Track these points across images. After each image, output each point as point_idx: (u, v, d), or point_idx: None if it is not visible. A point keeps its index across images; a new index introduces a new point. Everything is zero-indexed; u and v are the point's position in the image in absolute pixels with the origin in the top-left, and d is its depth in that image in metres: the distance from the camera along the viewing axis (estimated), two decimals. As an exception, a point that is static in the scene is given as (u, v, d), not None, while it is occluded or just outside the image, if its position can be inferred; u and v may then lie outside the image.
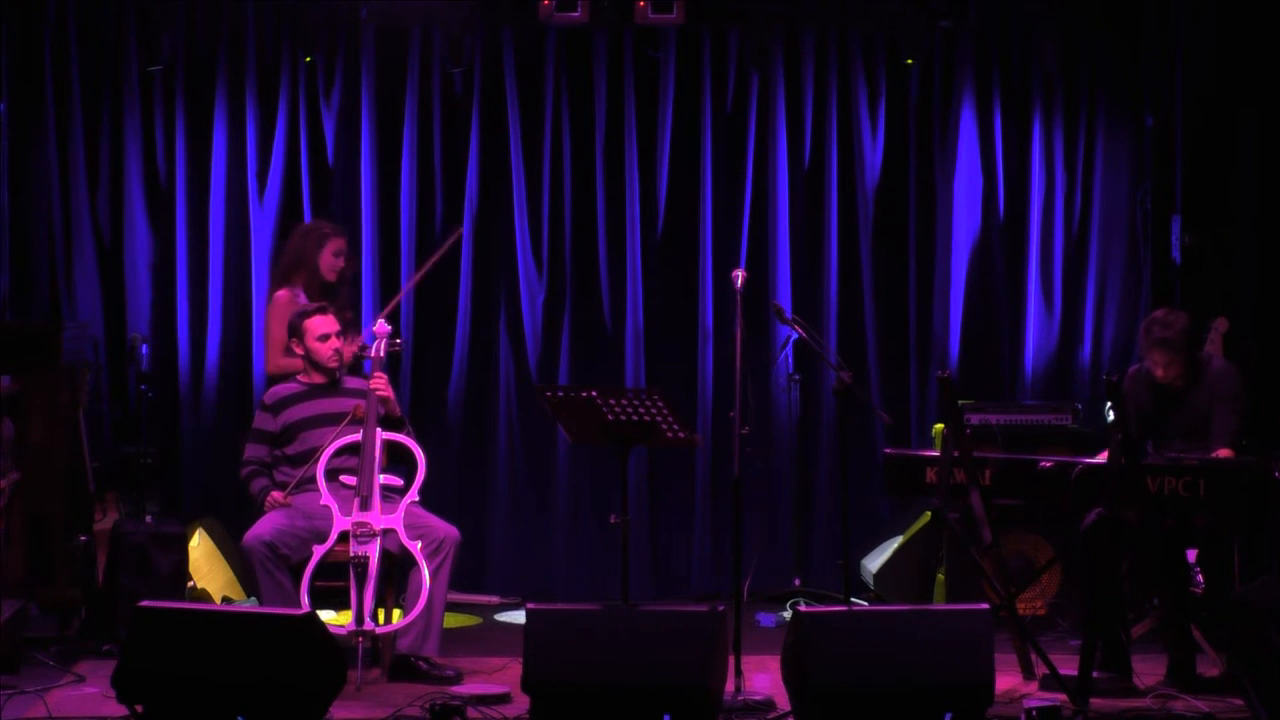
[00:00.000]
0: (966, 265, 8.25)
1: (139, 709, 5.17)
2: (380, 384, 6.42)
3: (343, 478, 6.31)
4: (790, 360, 7.95)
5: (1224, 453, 6.02)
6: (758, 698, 5.76)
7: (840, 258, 8.21)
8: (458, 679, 6.13)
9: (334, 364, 6.57)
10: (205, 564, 7.32)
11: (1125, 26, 8.19)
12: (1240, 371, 6.34)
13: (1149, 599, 6.75)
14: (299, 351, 6.60)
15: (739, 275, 6.16)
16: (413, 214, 8.10)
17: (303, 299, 6.97)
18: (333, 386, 6.59)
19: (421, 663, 6.18)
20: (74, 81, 7.90)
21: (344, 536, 6.15)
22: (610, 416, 5.75)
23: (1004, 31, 8.25)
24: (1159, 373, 6.14)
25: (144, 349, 7.71)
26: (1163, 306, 6.31)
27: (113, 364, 7.92)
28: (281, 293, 7.10)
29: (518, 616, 7.42)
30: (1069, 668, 5.87)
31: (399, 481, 6.33)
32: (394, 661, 6.21)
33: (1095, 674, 5.80)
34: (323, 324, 6.56)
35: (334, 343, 6.56)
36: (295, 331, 6.60)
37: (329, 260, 7.11)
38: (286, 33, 8.02)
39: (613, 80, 8.16)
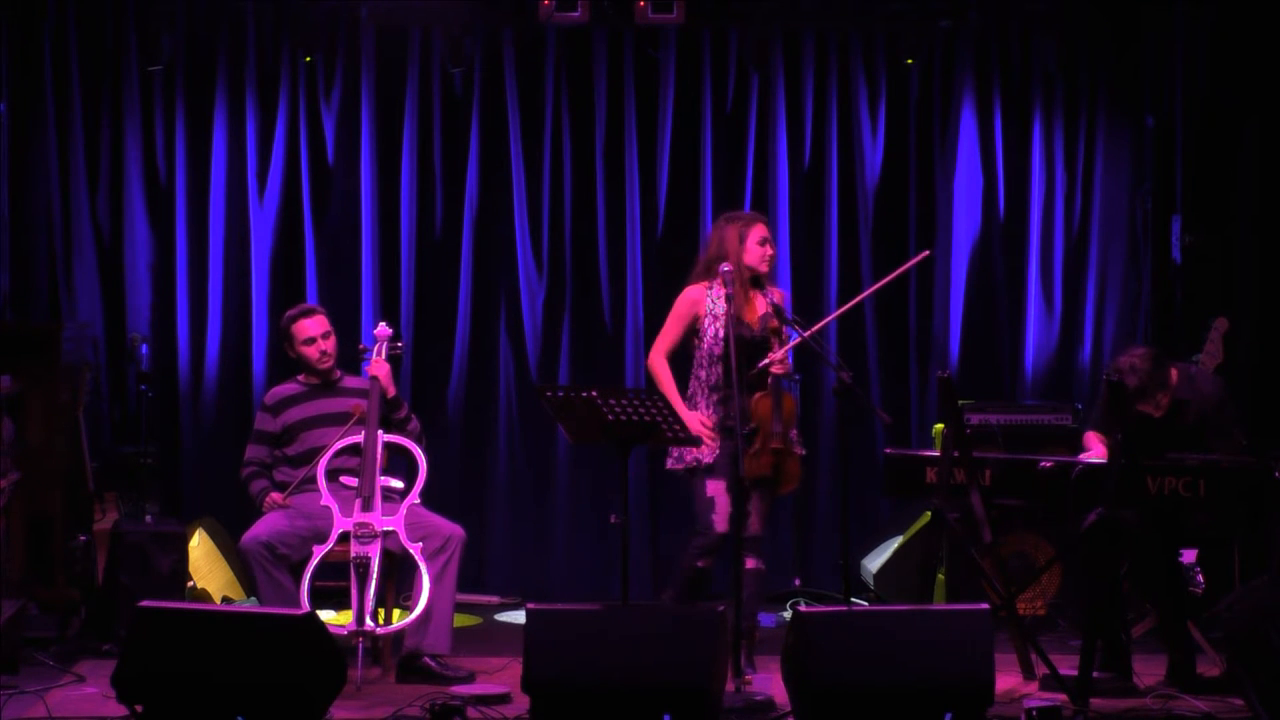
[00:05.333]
0: (966, 265, 8.25)
1: (139, 709, 5.17)
2: (380, 370, 6.42)
3: (342, 478, 6.32)
4: (790, 360, 7.94)
5: None
6: (758, 698, 5.76)
7: (840, 258, 8.22)
8: (470, 678, 6.12)
9: (325, 365, 6.57)
10: (205, 564, 7.32)
11: (1125, 26, 8.19)
12: (1227, 386, 6.28)
13: (1148, 600, 6.74)
14: (291, 355, 6.60)
15: (730, 272, 6.17)
16: (413, 214, 8.11)
17: (718, 292, 6.25)
18: (332, 387, 6.59)
19: (433, 661, 6.17)
20: (74, 81, 7.91)
21: (344, 537, 6.15)
22: (610, 416, 5.74)
23: (1004, 31, 8.25)
24: (1156, 414, 6.05)
25: (144, 349, 7.72)
26: (1118, 355, 6.22)
27: (113, 364, 7.93)
28: (694, 287, 6.39)
29: (518, 616, 7.43)
30: (1069, 668, 5.87)
31: (400, 483, 6.34)
32: (401, 660, 6.22)
33: (1095, 674, 5.79)
34: (310, 327, 6.56)
35: (320, 345, 6.54)
36: (285, 336, 6.59)
37: (755, 250, 6.27)
38: (286, 33, 8.03)
39: (613, 80, 8.17)
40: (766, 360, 6.13)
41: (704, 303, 6.32)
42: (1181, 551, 6.36)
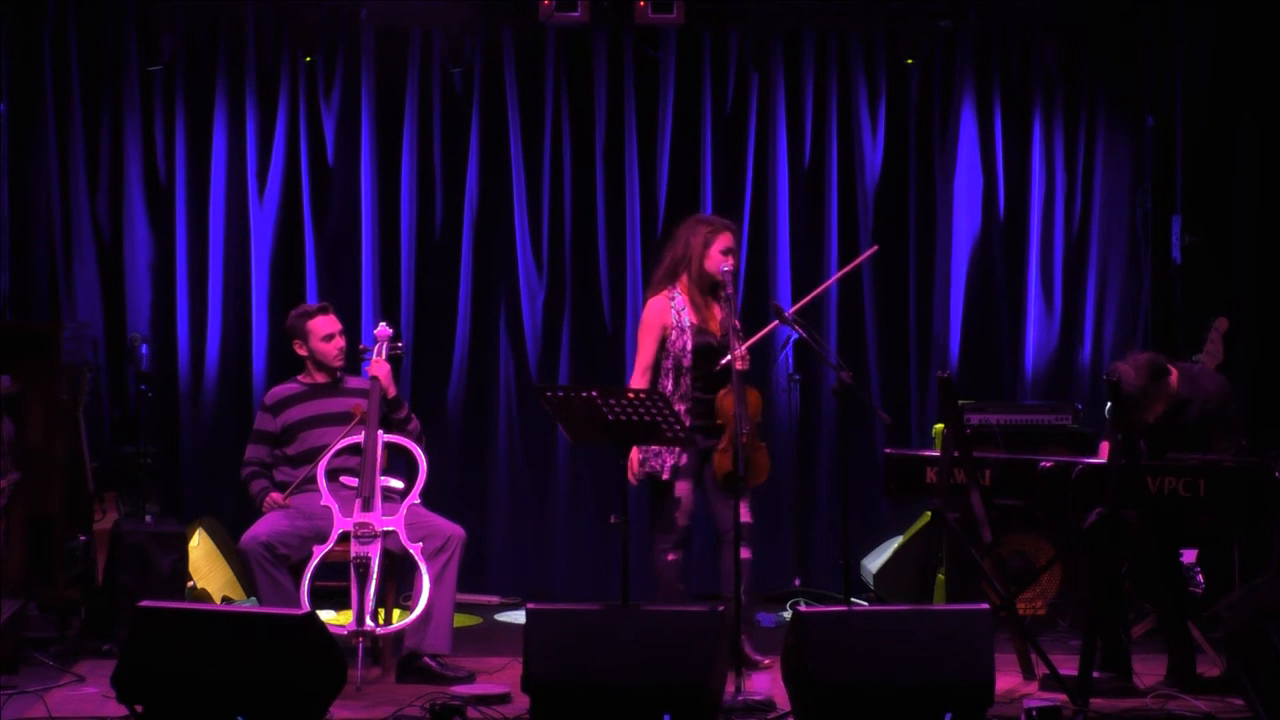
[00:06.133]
0: (966, 265, 8.26)
1: (139, 709, 5.17)
2: (380, 370, 6.43)
3: (343, 478, 6.32)
4: (790, 360, 7.96)
5: None
6: (758, 698, 5.76)
7: (840, 257, 8.22)
8: (470, 679, 6.12)
9: (339, 363, 6.58)
10: (205, 564, 7.32)
11: (1125, 26, 8.19)
12: (1230, 385, 6.28)
13: (1148, 600, 6.75)
14: (302, 353, 6.60)
15: (729, 272, 6.27)
16: (413, 214, 8.11)
17: (681, 301, 6.42)
18: (333, 387, 6.59)
19: (433, 661, 6.17)
20: (74, 81, 7.91)
21: (344, 537, 6.16)
22: (610, 416, 5.74)
23: (1004, 31, 8.25)
24: (1151, 420, 6.05)
25: (144, 349, 7.72)
26: (1120, 359, 6.23)
27: (113, 364, 7.93)
28: (657, 299, 6.48)
29: (518, 616, 7.43)
30: (1069, 668, 5.86)
31: (400, 483, 6.34)
32: (401, 660, 6.22)
33: (1095, 674, 5.80)
34: (326, 324, 6.58)
35: (338, 341, 6.57)
36: (297, 333, 6.60)
37: (716, 259, 6.40)
38: (286, 33, 8.03)
39: (613, 80, 8.17)
40: (730, 357, 6.20)
41: (669, 314, 6.45)
42: (1181, 551, 6.36)
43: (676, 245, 6.55)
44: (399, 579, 6.43)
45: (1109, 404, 6.11)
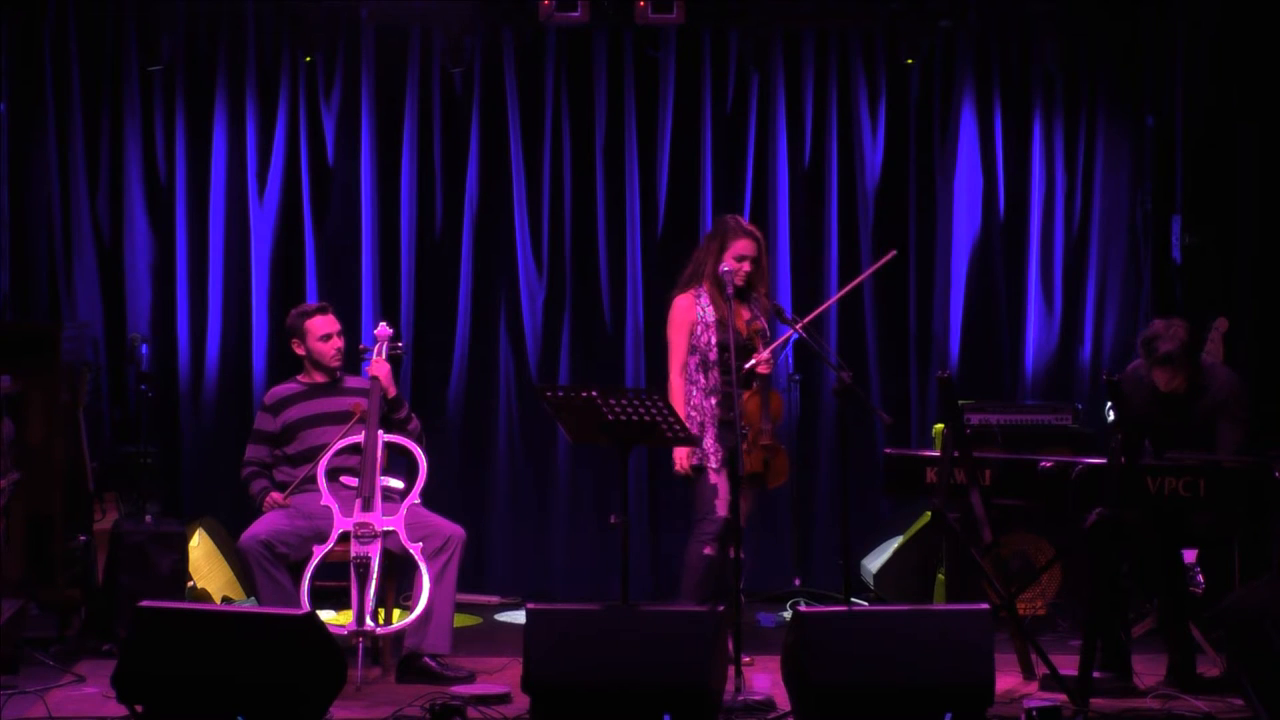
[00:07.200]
0: (966, 265, 8.26)
1: (139, 709, 5.17)
2: (381, 370, 6.43)
3: (343, 478, 6.32)
4: (790, 360, 7.96)
5: None
6: (758, 698, 5.76)
7: (840, 258, 8.22)
8: (470, 678, 6.13)
9: (336, 363, 6.58)
10: (205, 564, 7.33)
11: (1125, 26, 8.19)
12: (1243, 380, 6.29)
13: (1149, 600, 6.75)
14: (300, 352, 6.60)
15: (729, 273, 6.27)
16: (413, 214, 8.11)
17: (706, 299, 6.51)
18: (333, 386, 6.60)
19: (433, 661, 6.18)
20: (74, 81, 7.91)
21: (344, 537, 6.16)
22: (610, 416, 5.75)
23: (1004, 31, 8.25)
24: (1163, 387, 6.09)
25: (144, 349, 7.72)
26: (1159, 316, 6.27)
27: (113, 364, 7.93)
28: (683, 297, 6.59)
29: (518, 616, 7.43)
30: (1069, 668, 5.86)
31: (400, 483, 6.34)
32: (401, 660, 6.22)
33: (1095, 674, 5.80)
34: (324, 324, 6.58)
35: (336, 342, 6.57)
36: (296, 332, 6.60)
37: (730, 264, 6.44)
38: (286, 33, 8.03)
39: (613, 80, 8.17)
40: (753, 361, 6.33)
41: (694, 310, 6.52)
42: (1182, 551, 6.36)
43: (703, 245, 6.64)
44: (399, 579, 6.43)
45: (1108, 404, 6.13)
